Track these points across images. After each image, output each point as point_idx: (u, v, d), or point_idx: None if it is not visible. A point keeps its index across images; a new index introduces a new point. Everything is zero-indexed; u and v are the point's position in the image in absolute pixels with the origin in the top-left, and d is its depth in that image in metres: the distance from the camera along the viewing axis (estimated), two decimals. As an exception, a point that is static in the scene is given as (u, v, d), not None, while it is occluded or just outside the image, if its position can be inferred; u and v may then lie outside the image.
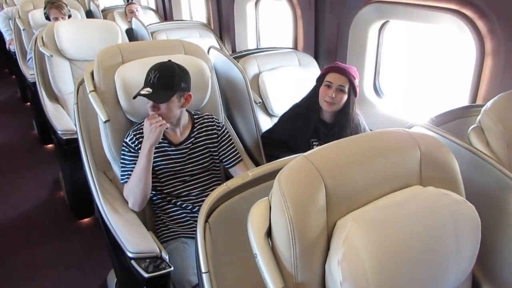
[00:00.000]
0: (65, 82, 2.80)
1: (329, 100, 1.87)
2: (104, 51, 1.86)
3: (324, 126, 1.95)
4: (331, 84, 1.88)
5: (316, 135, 1.95)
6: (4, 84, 5.43)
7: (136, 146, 1.66)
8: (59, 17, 3.25)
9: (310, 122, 1.94)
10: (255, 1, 3.42)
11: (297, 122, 1.97)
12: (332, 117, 1.95)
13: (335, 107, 1.89)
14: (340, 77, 1.86)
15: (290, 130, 1.99)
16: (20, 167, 3.38)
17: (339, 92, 1.86)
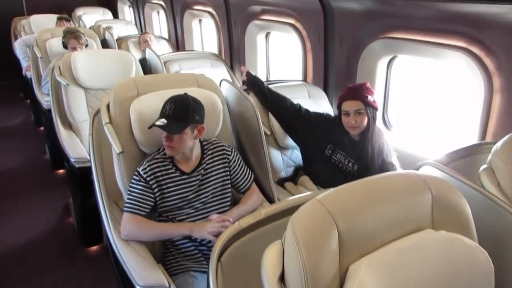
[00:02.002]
0: (80, 110, 2.86)
1: (351, 125, 2.02)
2: (120, 84, 1.91)
3: (350, 141, 2.08)
4: (348, 112, 2.02)
5: (338, 144, 2.10)
6: (18, 108, 5.55)
7: (149, 177, 1.68)
8: (77, 47, 3.35)
9: (339, 134, 2.10)
10: (265, 33, 3.51)
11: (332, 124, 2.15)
12: (359, 136, 2.07)
13: (359, 129, 2.03)
14: (354, 103, 2.00)
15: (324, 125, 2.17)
16: (31, 191, 3.42)
17: (358, 116, 2.00)
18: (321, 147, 2.14)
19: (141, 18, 6.03)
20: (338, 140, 2.10)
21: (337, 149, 2.10)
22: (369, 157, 2.03)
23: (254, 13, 3.34)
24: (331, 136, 2.12)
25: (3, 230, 2.89)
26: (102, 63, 2.92)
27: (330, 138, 2.13)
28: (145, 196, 1.68)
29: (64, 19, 4.70)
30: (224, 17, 3.77)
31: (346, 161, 2.09)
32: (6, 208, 3.17)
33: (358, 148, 2.06)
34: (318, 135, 2.17)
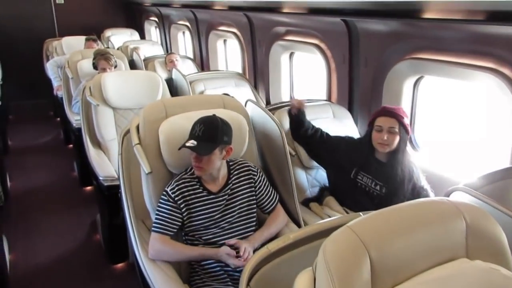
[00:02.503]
0: (108, 129, 2.94)
1: (381, 141, 1.99)
2: (149, 106, 1.96)
3: (377, 162, 2.06)
4: (381, 128, 2.00)
5: (365, 167, 2.07)
6: (49, 126, 5.74)
7: (177, 196, 1.71)
8: (106, 68, 3.46)
9: (365, 156, 2.07)
10: (289, 53, 3.55)
11: (355, 147, 2.13)
12: (387, 158, 2.04)
13: (388, 148, 2.00)
14: (389, 120, 1.98)
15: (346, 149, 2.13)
16: (59, 208, 3.51)
17: (390, 134, 1.98)
18: (346, 171, 2.12)
19: (167, 38, 6.19)
20: (364, 163, 2.07)
21: (363, 172, 2.08)
22: (399, 180, 1.99)
23: (278, 34, 3.39)
24: (356, 159, 2.10)
25: (32, 246, 2.96)
26: (131, 84, 3.01)
27: (354, 161, 2.10)
28: (173, 216, 1.70)
29: (92, 39, 4.88)
30: (249, 38, 3.83)
31: (373, 184, 2.06)
32: (35, 224, 3.26)
33: (386, 170, 2.03)
34: (341, 159, 2.15)
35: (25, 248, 2.92)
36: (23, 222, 3.26)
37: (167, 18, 5.99)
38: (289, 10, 3.01)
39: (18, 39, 6.65)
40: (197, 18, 4.88)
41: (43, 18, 6.88)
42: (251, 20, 3.71)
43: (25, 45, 6.62)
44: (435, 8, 1.83)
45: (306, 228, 1.15)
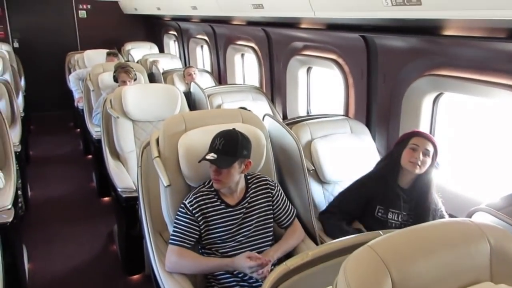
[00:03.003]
0: (127, 141, 2.98)
1: (415, 161, 1.91)
2: (169, 120, 1.99)
3: (401, 191, 1.99)
4: (417, 147, 1.93)
5: (388, 202, 1.98)
6: (69, 137, 5.86)
7: (194, 209, 1.72)
8: (126, 80, 3.54)
9: (387, 187, 1.98)
10: (307, 67, 3.56)
11: (372, 187, 2.02)
12: (411, 182, 1.98)
13: (419, 169, 1.92)
14: (426, 141, 1.94)
15: (362, 198, 2.04)
16: (78, 218, 3.55)
17: (424, 156, 1.92)
18: (369, 211, 2.02)
19: (185, 52, 6.30)
20: (388, 197, 1.98)
21: (389, 209, 1.98)
22: (425, 207, 1.93)
23: (296, 49, 3.41)
24: (378, 196, 2.00)
25: (50, 255, 3.00)
26: (150, 97, 3.06)
27: (377, 199, 2.00)
28: (190, 229, 1.71)
29: (112, 54, 5.00)
30: (266, 52, 3.87)
31: (399, 217, 1.98)
32: (54, 233, 3.30)
33: (411, 197, 1.97)
34: (362, 204, 2.05)
35: (43, 257, 2.97)
36: (42, 231, 3.32)
37: (186, 32, 6.10)
38: (307, 25, 3.04)
39: (42, 52, 6.85)
40: (216, 32, 4.96)
41: (66, 31, 7.09)
42: (269, 35, 3.75)
43: (49, 57, 6.82)
44: (455, 25, 1.83)
45: (325, 245, 1.14)
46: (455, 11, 1.44)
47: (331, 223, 2.10)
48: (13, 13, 6.69)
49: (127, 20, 7.32)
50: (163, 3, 5.04)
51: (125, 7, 7.11)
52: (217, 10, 3.48)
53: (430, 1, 1.45)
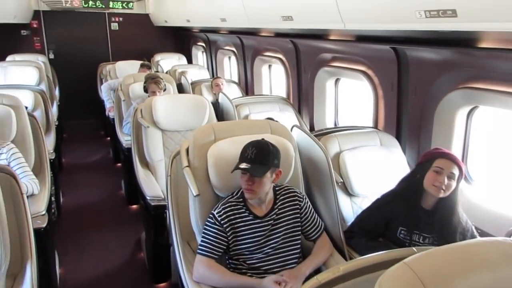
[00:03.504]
0: (156, 151, 3.03)
1: (439, 185, 1.83)
2: (199, 130, 2.02)
3: (424, 213, 1.91)
4: (442, 170, 1.84)
5: (411, 223, 1.91)
6: (99, 145, 6.01)
7: (223, 220, 1.73)
8: (156, 91, 3.61)
9: (409, 208, 1.92)
10: (335, 79, 3.55)
11: (393, 206, 1.96)
12: (434, 204, 1.91)
13: (443, 193, 1.85)
14: (451, 164, 1.84)
15: (382, 218, 1.97)
16: (107, 225, 3.63)
17: (449, 179, 1.84)
18: (390, 231, 1.97)
19: (213, 63, 6.39)
20: (410, 218, 1.91)
21: (413, 231, 1.91)
22: (451, 231, 1.86)
23: (324, 60, 3.41)
24: (399, 216, 1.94)
25: (80, 261, 3.07)
26: (179, 107, 3.12)
27: (398, 220, 1.94)
28: (218, 240, 1.72)
29: (145, 66, 5.13)
30: (294, 63, 3.88)
31: (420, 239, 1.91)
32: (84, 239, 3.38)
33: (435, 220, 1.90)
34: (382, 223, 2.00)
35: (73, 262, 3.03)
36: (73, 236, 3.40)
37: (214, 44, 6.20)
38: (336, 37, 3.03)
39: (75, 62, 7.11)
40: (244, 44, 5.01)
41: (98, 43, 7.34)
42: (297, 46, 3.76)
43: (81, 68, 7.06)
44: (492, 37, 1.78)
45: (357, 260, 1.12)
46: (492, 23, 1.41)
47: (354, 241, 2.06)
48: (49, 25, 6.98)
49: (156, 31, 7.51)
50: (193, 15, 5.15)
51: (155, 19, 7.30)
52: (245, 22, 3.53)
53: (466, 13, 1.43)
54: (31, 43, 6.89)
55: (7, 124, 2.61)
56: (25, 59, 5.66)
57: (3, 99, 2.70)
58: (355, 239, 2.05)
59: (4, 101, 2.67)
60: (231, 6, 3.65)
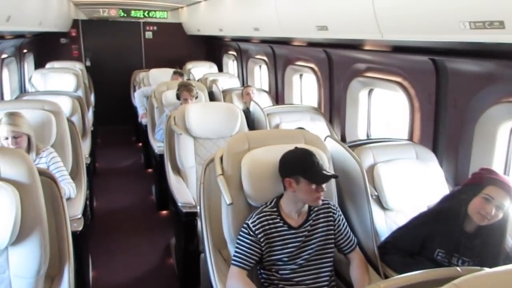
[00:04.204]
0: (188, 157, 3.06)
1: (485, 214, 1.73)
2: (233, 138, 2.03)
3: (465, 236, 1.83)
4: (491, 199, 1.72)
5: (450, 246, 1.84)
6: (131, 150, 6.15)
7: (257, 229, 1.72)
8: (188, 98, 3.67)
9: (449, 230, 1.83)
10: (368, 89, 3.50)
11: (431, 227, 1.88)
12: (477, 228, 1.81)
13: (487, 221, 1.75)
14: (504, 194, 1.72)
15: (419, 238, 1.90)
16: (137, 229, 3.68)
17: (498, 209, 1.72)
18: (427, 252, 1.89)
19: (244, 71, 6.44)
20: (450, 241, 1.82)
21: (451, 253, 1.83)
22: (496, 252, 1.77)
23: (358, 70, 3.36)
24: (437, 237, 1.85)
25: (111, 265, 3.12)
26: (212, 115, 3.14)
27: (436, 241, 1.86)
28: (251, 251, 1.71)
29: (178, 73, 5.22)
30: (327, 73, 3.85)
31: (460, 262, 1.83)
32: (115, 243, 3.44)
33: (477, 244, 1.81)
34: (418, 243, 1.92)
35: (105, 265, 3.09)
36: (105, 240, 3.47)
37: (245, 53, 6.25)
38: (372, 47, 2.99)
39: (110, 70, 7.34)
40: (275, 53, 5.03)
41: (133, 51, 7.56)
42: (330, 56, 3.73)
43: (116, 75, 7.27)
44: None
45: (398, 278, 1.08)
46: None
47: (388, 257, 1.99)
48: (86, 34, 7.25)
49: (189, 40, 7.66)
50: (226, 24, 5.21)
51: (188, 28, 7.45)
52: (279, 31, 3.54)
53: (515, 25, 1.38)
54: (69, 51, 7.17)
55: (48, 129, 2.71)
56: (64, 66, 5.89)
57: (44, 105, 2.80)
58: (389, 255, 1.99)
59: (45, 107, 2.77)
60: (264, 15, 3.68)
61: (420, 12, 1.90)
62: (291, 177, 1.71)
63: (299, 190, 1.71)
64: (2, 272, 1.56)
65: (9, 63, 4.81)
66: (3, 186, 1.48)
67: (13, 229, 1.49)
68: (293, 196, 1.74)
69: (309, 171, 1.70)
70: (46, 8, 4.29)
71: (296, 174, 1.70)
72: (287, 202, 1.77)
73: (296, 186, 1.70)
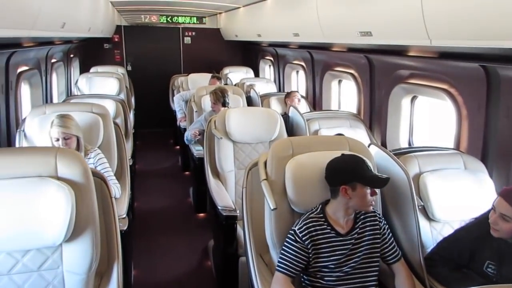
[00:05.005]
0: (227, 161, 3.10)
1: (491, 225, 1.74)
2: (277, 144, 2.03)
3: (508, 246, 1.76)
4: (495, 209, 1.74)
5: (501, 258, 1.77)
6: (169, 153, 6.28)
7: (304, 236, 1.71)
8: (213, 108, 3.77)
9: (500, 242, 1.77)
10: (411, 96, 3.41)
11: (480, 238, 1.82)
12: None
13: (499, 234, 1.72)
14: (504, 204, 1.70)
15: (467, 249, 1.85)
16: (175, 231, 3.75)
17: (502, 220, 1.70)
18: (476, 264, 1.83)
19: (280, 77, 6.44)
20: (500, 254, 1.76)
21: (502, 266, 1.76)
22: None
23: (401, 77, 3.29)
24: (486, 249, 1.80)
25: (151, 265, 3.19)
26: (252, 120, 3.17)
27: (486, 253, 1.80)
28: (298, 258, 1.70)
29: (216, 77, 5.30)
30: (367, 79, 3.79)
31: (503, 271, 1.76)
32: (154, 243, 3.52)
33: None
34: (466, 255, 1.86)
35: (145, 265, 3.16)
36: (144, 240, 3.55)
37: (282, 58, 6.26)
38: (416, 53, 2.92)
39: (150, 74, 7.55)
40: (314, 58, 5.01)
41: (172, 56, 7.75)
42: (372, 62, 3.68)
43: (155, 79, 7.48)
44: None
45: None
46: None
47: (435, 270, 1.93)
48: (128, 39, 7.49)
49: (226, 45, 7.77)
50: (264, 29, 5.24)
51: (226, 34, 7.55)
52: (320, 37, 3.52)
53: None
54: (112, 56, 7.43)
55: (95, 131, 2.81)
56: (107, 70, 6.10)
57: (92, 108, 2.90)
58: (436, 268, 1.93)
59: (93, 110, 2.88)
60: (305, 21, 3.67)
61: (472, 17, 1.83)
62: (347, 184, 1.70)
63: (354, 197, 1.69)
64: (56, 267, 1.62)
65: (57, 67, 5.04)
66: (60, 186, 1.54)
67: (68, 227, 1.54)
68: (345, 203, 1.72)
69: (367, 177, 1.69)
70: (94, 15, 4.47)
71: (353, 181, 1.69)
72: (336, 209, 1.76)
73: (352, 193, 1.69)
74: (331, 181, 1.77)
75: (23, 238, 1.53)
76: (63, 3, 2.91)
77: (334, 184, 1.75)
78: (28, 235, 1.53)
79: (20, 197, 1.53)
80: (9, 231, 1.51)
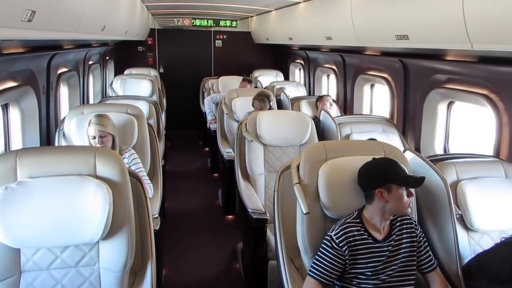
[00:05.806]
0: (257, 164, 3.10)
1: None
2: (311, 147, 2.02)
3: None
4: None
5: None
6: (198, 154, 6.35)
7: (341, 242, 1.68)
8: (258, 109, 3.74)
9: None
10: (448, 102, 3.32)
11: None
12: None
13: None
14: None
15: (508, 264, 1.77)
16: (204, 232, 3.78)
17: None
18: None
19: (311, 80, 6.40)
20: None
21: None
22: None
23: (437, 81, 3.20)
24: None
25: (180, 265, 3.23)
26: (283, 123, 3.16)
27: None
28: (333, 265, 1.68)
29: (246, 80, 5.33)
30: (401, 84, 3.71)
31: None
32: (184, 244, 3.56)
33: None
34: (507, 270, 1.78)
35: (174, 265, 3.20)
36: (175, 240, 3.59)
37: (313, 61, 6.22)
38: (454, 57, 2.84)
39: (182, 76, 7.68)
40: (346, 62, 4.95)
41: (203, 59, 7.85)
42: (407, 66, 3.59)
43: (186, 81, 7.59)
44: None
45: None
46: None
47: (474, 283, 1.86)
48: (161, 42, 7.65)
49: (256, 48, 7.80)
50: (296, 33, 5.22)
51: (257, 37, 7.57)
52: (354, 40, 3.47)
53: None
54: (145, 58, 7.60)
55: (130, 131, 2.87)
56: (140, 72, 6.25)
57: (128, 109, 2.97)
58: (475, 280, 1.86)
59: (129, 111, 2.95)
60: (338, 24, 3.63)
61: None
62: (382, 187, 1.67)
63: (391, 199, 1.66)
64: (93, 264, 1.67)
65: (94, 69, 5.20)
66: (99, 184, 1.59)
67: (106, 225, 1.59)
68: (381, 207, 1.69)
69: (401, 177, 1.67)
70: (131, 18, 4.59)
71: (388, 182, 1.66)
72: (372, 214, 1.72)
73: (388, 196, 1.66)
74: (366, 186, 1.73)
75: (63, 234, 1.58)
76: (104, 8, 3.01)
77: (368, 188, 1.71)
78: (68, 232, 1.58)
79: (61, 194, 1.58)
80: (50, 227, 1.57)
